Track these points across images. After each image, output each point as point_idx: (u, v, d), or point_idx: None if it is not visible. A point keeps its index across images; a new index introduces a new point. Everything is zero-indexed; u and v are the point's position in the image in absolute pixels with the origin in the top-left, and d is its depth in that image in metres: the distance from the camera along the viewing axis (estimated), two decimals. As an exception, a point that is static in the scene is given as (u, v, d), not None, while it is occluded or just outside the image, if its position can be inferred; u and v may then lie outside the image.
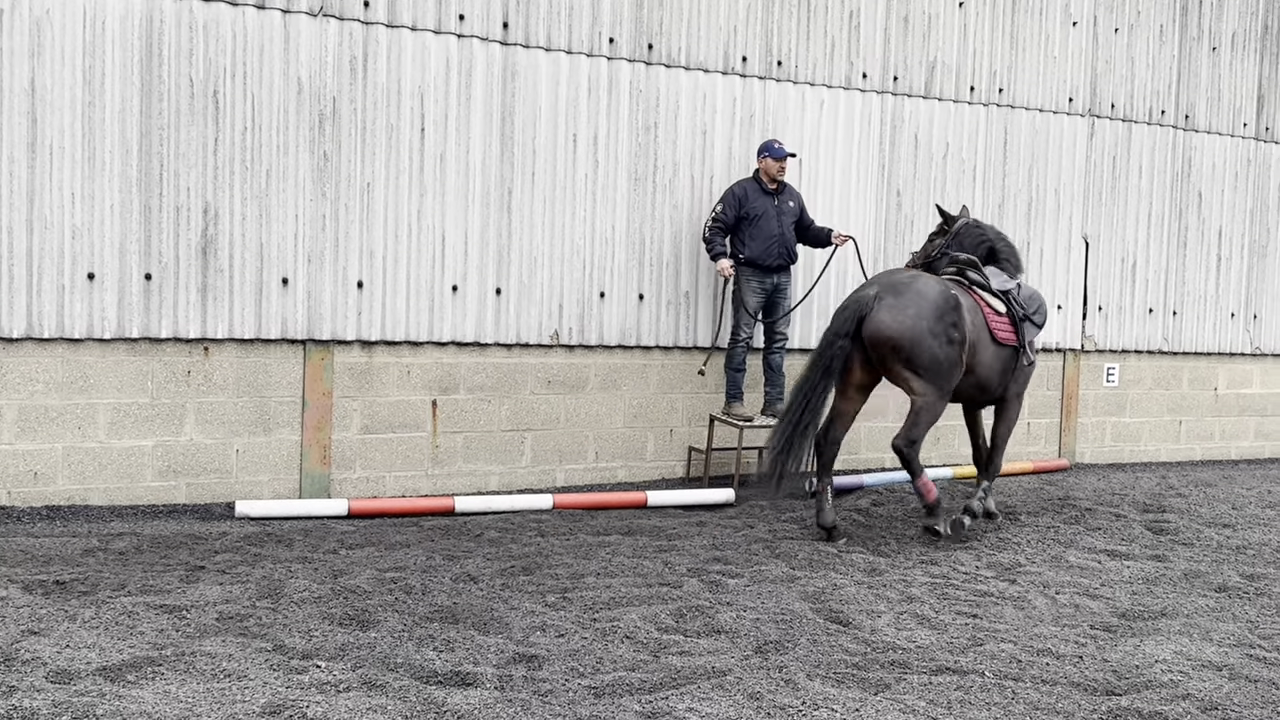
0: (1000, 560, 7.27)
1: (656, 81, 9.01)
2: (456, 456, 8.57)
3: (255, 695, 4.53)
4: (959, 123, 10.29)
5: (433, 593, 6.02)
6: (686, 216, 9.18)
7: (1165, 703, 4.86)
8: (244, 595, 5.85)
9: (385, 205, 8.17)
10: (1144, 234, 11.30)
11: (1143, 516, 8.74)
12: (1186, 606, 6.40)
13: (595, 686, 4.81)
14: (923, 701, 4.78)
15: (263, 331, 7.88)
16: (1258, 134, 11.90)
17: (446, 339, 8.43)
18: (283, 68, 7.83)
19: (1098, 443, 11.28)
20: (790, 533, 7.77)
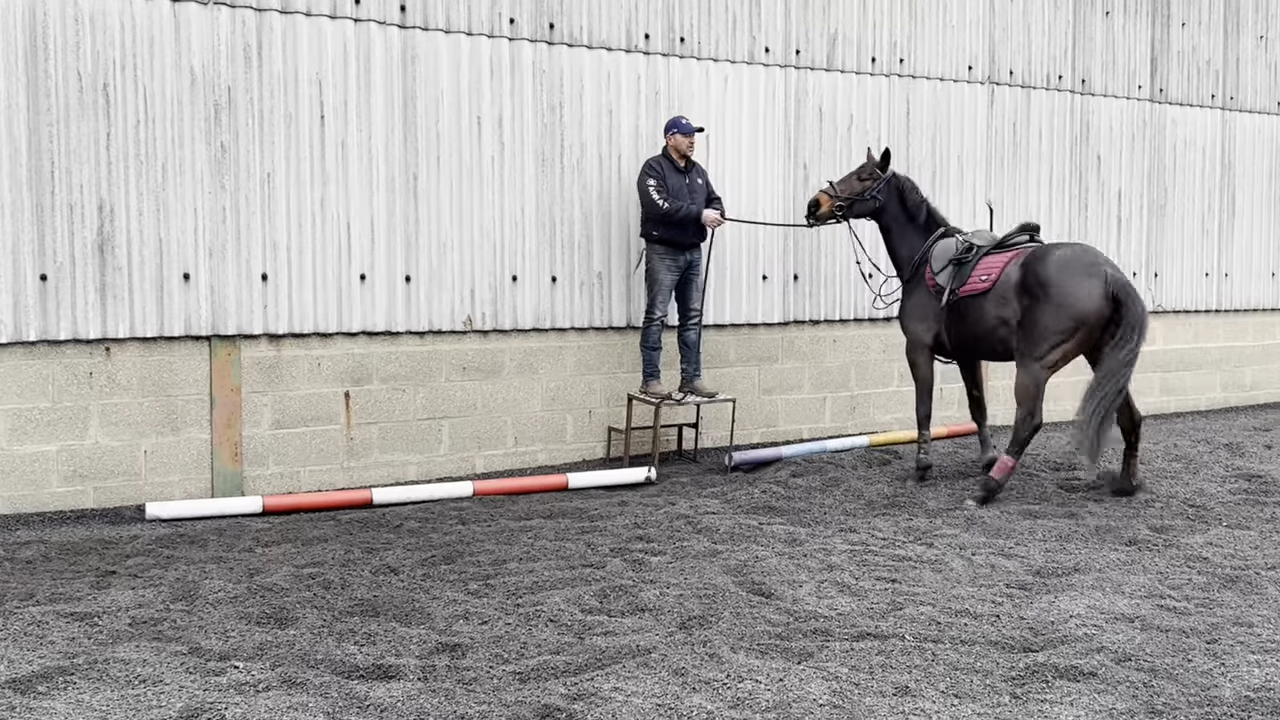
0: (917, 525, 7.37)
1: (560, 61, 8.95)
2: (372, 448, 8.47)
3: (171, 700, 4.44)
4: (862, 94, 10.37)
5: (352, 586, 5.94)
6: (596, 196, 9.15)
7: (1080, 656, 4.96)
8: (157, 599, 5.74)
9: (287, 195, 8.03)
10: (1046, 198, 11.50)
11: (1055, 475, 8.92)
12: (1099, 561, 6.54)
13: (520, 672, 4.78)
14: (845, 668, 4.83)
15: (166, 329, 7.71)
16: (1152, 96, 12.16)
17: (357, 329, 8.32)
18: (174, 59, 7.65)
19: (1009, 404, 11.46)
20: (712, 508, 7.80)
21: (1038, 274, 7.91)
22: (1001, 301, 8.08)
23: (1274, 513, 7.69)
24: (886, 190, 8.66)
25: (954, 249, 8.40)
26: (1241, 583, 6.11)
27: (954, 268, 8.34)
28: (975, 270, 8.24)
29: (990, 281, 8.14)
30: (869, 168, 8.68)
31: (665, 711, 4.37)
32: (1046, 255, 8.01)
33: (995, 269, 8.18)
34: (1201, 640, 5.19)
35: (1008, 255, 8.22)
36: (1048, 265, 7.91)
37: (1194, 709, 4.44)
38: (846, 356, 10.49)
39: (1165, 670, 4.82)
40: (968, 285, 8.25)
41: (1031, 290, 7.91)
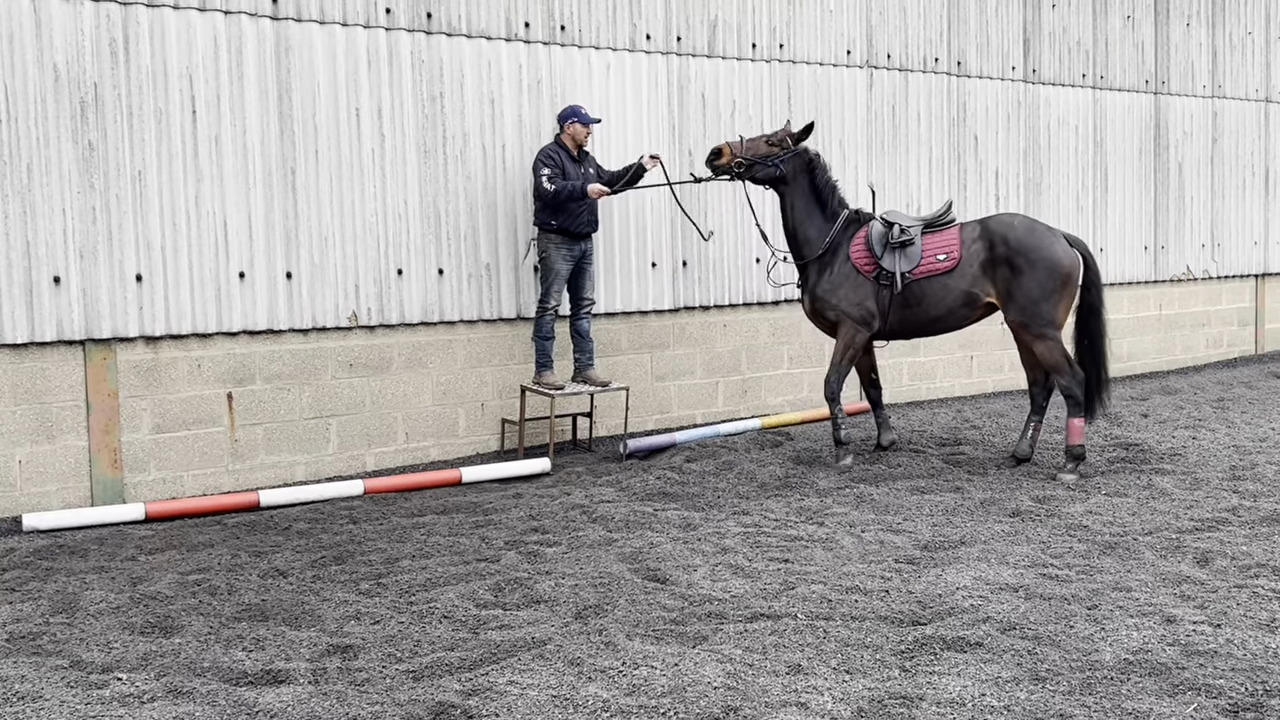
0: (808, 505, 7.46)
1: (439, 51, 8.85)
2: (258, 449, 8.30)
3: (53, 715, 4.32)
4: (744, 80, 10.44)
5: (240, 591, 5.83)
6: (481, 187, 9.07)
7: (967, 627, 5.07)
8: (36, 612, 5.56)
9: (160, 193, 7.81)
10: (926, 179, 11.70)
11: (940, 450, 9.10)
12: (984, 533, 6.69)
13: (414, 670, 4.74)
14: (739, 649, 4.87)
15: (36, 334, 7.45)
16: (1026, 76, 12.45)
17: (237, 328, 8.14)
18: (36, 54, 7.39)
19: (895, 382, 11.67)
20: (607, 496, 7.81)
21: (1012, 243, 8.09)
22: (970, 278, 8.16)
23: (1151, 480, 7.95)
24: (794, 163, 8.54)
25: (886, 233, 8.34)
26: (1120, 549, 6.30)
27: (897, 251, 8.27)
28: (924, 251, 8.25)
29: (954, 260, 8.17)
30: (781, 135, 8.58)
31: (561, 703, 4.36)
32: (1009, 225, 8.21)
33: (952, 246, 8.22)
34: (1083, 606, 5.34)
35: (953, 232, 8.32)
36: (1019, 233, 8.12)
37: (1076, 673, 4.57)
38: (737, 341, 10.57)
39: (1048, 637, 4.95)
40: (923, 266, 8.23)
41: (1011, 261, 8.06)
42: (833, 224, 8.51)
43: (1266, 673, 4.53)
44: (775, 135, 8.59)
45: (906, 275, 8.26)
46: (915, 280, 8.27)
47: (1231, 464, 8.39)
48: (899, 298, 8.31)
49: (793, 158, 8.53)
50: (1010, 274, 8.09)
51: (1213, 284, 14.45)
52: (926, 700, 4.33)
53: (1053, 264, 8.06)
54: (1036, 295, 8.04)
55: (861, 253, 8.38)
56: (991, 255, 8.14)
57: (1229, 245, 14.51)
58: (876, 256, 8.32)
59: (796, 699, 4.36)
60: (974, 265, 8.18)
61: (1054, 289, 8.06)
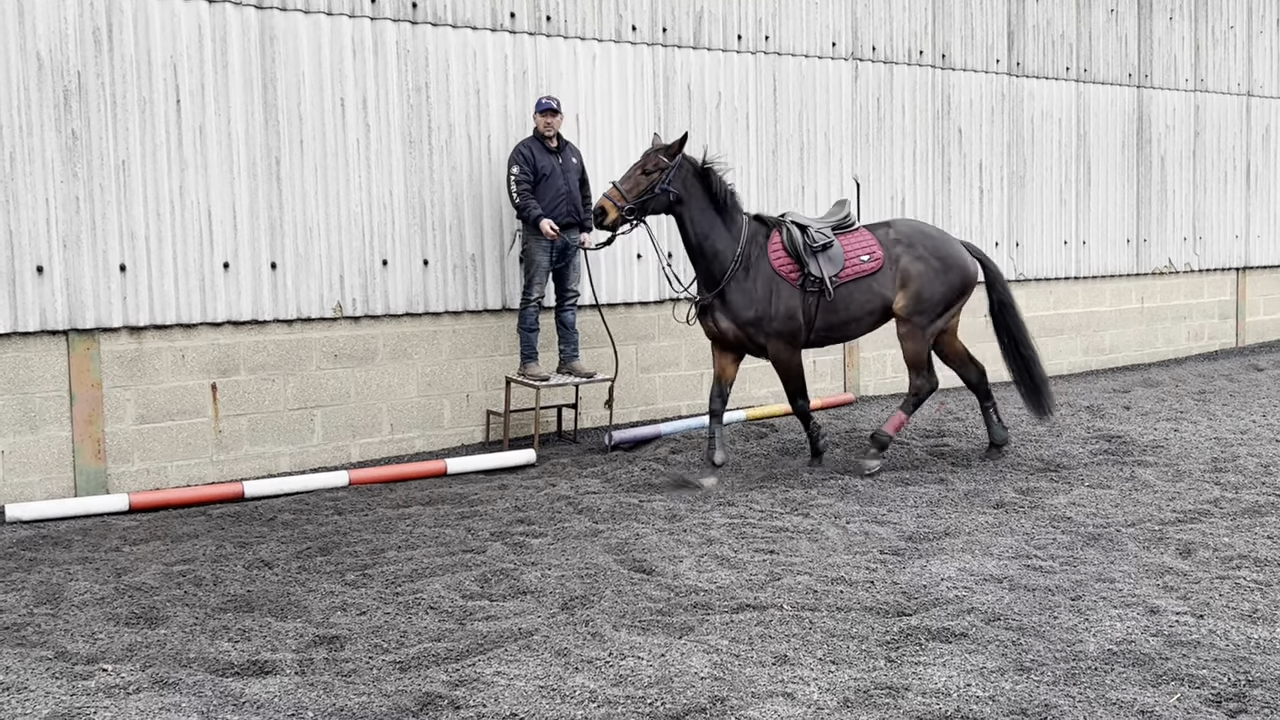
0: (793, 496, 7.48)
1: (424, 41, 8.82)
2: (242, 440, 8.28)
3: (37, 707, 4.30)
4: (729, 72, 10.44)
5: (225, 582, 5.81)
6: (466, 178, 9.05)
7: (952, 618, 5.09)
8: (20, 603, 5.54)
9: (144, 183, 7.77)
10: (910, 171, 11.73)
11: (924, 442, 9.13)
12: (968, 525, 6.72)
13: (400, 661, 4.74)
14: (725, 640, 4.88)
15: (19, 324, 7.42)
16: (1010, 69, 12.48)
17: (222, 319, 8.10)
18: (19, 42, 7.34)
19: (879, 375, 11.71)
20: (593, 488, 7.81)
21: (933, 248, 8.13)
22: (890, 280, 8.07)
23: (1133, 472, 8.00)
24: (683, 178, 7.70)
25: (801, 235, 7.89)
26: (1103, 540, 6.34)
27: (819, 255, 7.89)
28: (846, 252, 8.00)
29: (878, 261, 8.02)
30: (654, 156, 7.66)
31: (548, 693, 4.37)
32: (923, 231, 8.29)
33: (872, 247, 8.06)
34: (1066, 597, 5.37)
35: (864, 233, 8.15)
36: (930, 237, 8.20)
37: (1060, 664, 4.59)
38: (721, 332, 10.56)
39: (1032, 628, 4.98)
40: (849, 269, 7.96)
41: (929, 263, 8.07)
42: (738, 233, 7.83)
43: (1249, 663, 4.56)
44: (649, 160, 7.67)
45: (834, 279, 7.90)
46: (842, 284, 7.95)
47: (1213, 456, 8.44)
48: (825, 303, 7.93)
49: (681, 172, 7.69)
50: (924, 270, 8.05)
51: (1194, 277, 14.53)
52: (912, 690, 4.35)
53: (965, 273, 8.18)
54: (936, 297, 8.08)
55: (784, 259, 7.84)
56: (911, 254, 8.09)
57: (1210, 239, 14.59)
58: (802, 262, 7.82)
59: (783, 689, 4.37)
60: (893, 266, 8.06)
61: (957, 296, 8.19)
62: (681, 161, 7.70)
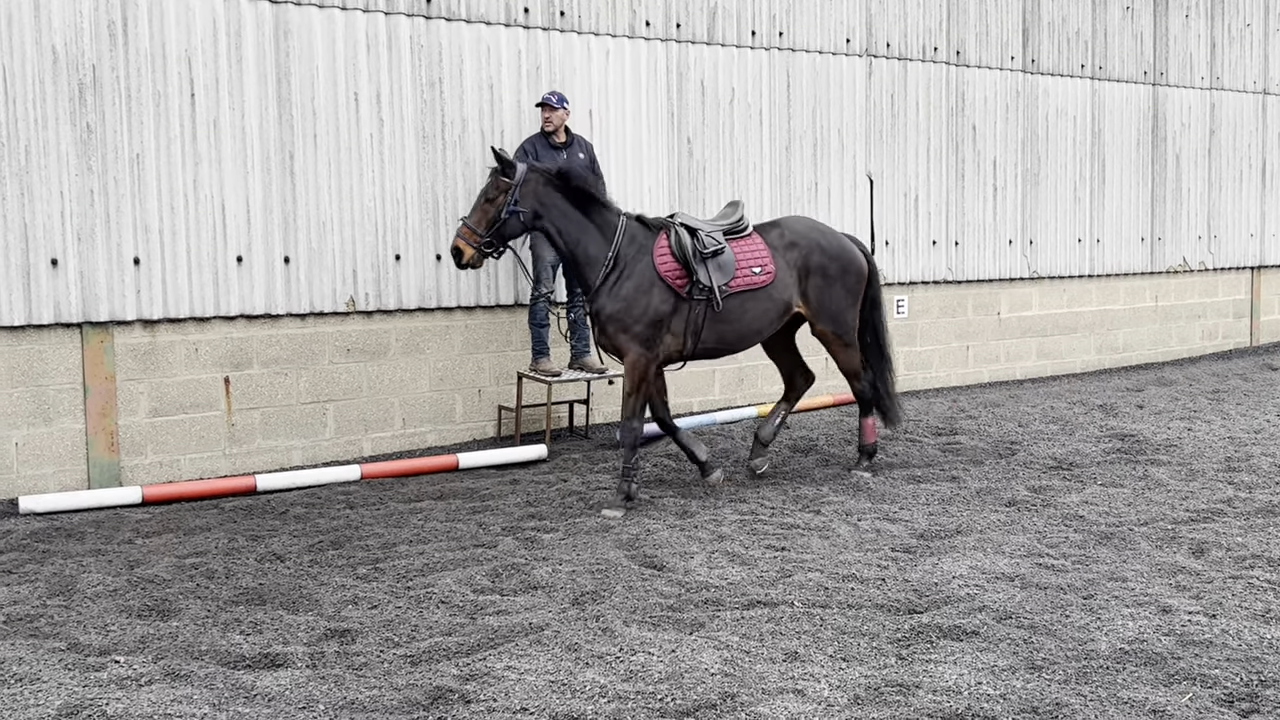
0: (804, 493, 7.48)
1: (438, 35, 8.82)
2: (255, 433, 8.30)
3: (50, 698, 4.32)
4: (743, 68, 10.42)
5: (237, 575, 5.83)
6: (479, 173, 9.05)
7: (963, 616, 5.08)
8: (33, 595, 5.56)
9: (158, 176, 7.79)
10: (924, 168, 11.70)
11: (936, 440, 9.12)
12: (980, 523, 6.70)
13: (411, 655, 4.75)
14: (736, 636, 4.88)
15: (34, 317, 7.44)
16: (1025, 66, 12.43)
17: (235, 313, 8.12)
18: (35, 36, 7.36)
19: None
20: (604, 484, 7.81)
21: (827, 251, 7.74)
22: (787, 289, 7.59)
23: (1146, 471, 7.97)
24: (533, 193, 7.20)
25: (690, 238, 7.33)
26: (1116, 539, 6.32)
27: (708, 262, 7.34)
28: (737, 261, 7.45)
29: (770, 274, 7.50)
30: (493, 181, 7.22)
31: (558, 688, 4.37)
32: (818, 232, 7.85)
33: (764, 257, 7.52)
34: (1078, 596, 5.36)
35: (757, 240, 7.61)
36: (828, 241, 7.81)
37: (1072, 663, 4.58)
38: (734, 329, 10.55)
39: (1044, 626, 4.97)
40: (739, 279, 7.41)
41: (826, 270, 7.71)
42: (612, 235, 7.30)
43: (1261, 663, 4.54)
44: (490, 187, 7.23)
45: (724, 289, 7.36)
46: (732, 294, 7.41)
47: (1227, 455, 8.41)
48: (714, 314, 7.40)
49: (528, 188, 7.19)
50: (823, 284, 7.72)
51: (1209, 276, 14.47)
52: (923, 688, 4.34)
53: (859, 272, 7.87)
54: (845, 304, 7.82)
55: (670, 264, 7.29)
56: (806, 264, 7.69)
57: (1225, 237, 14.53)
58: (691, 269, 7.28)
59: (793, 686, 4.37)
60: (789, 274, 7.63)
61: (856, 296, 7.90)
62: (526, 176, 7.19)
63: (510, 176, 7.15)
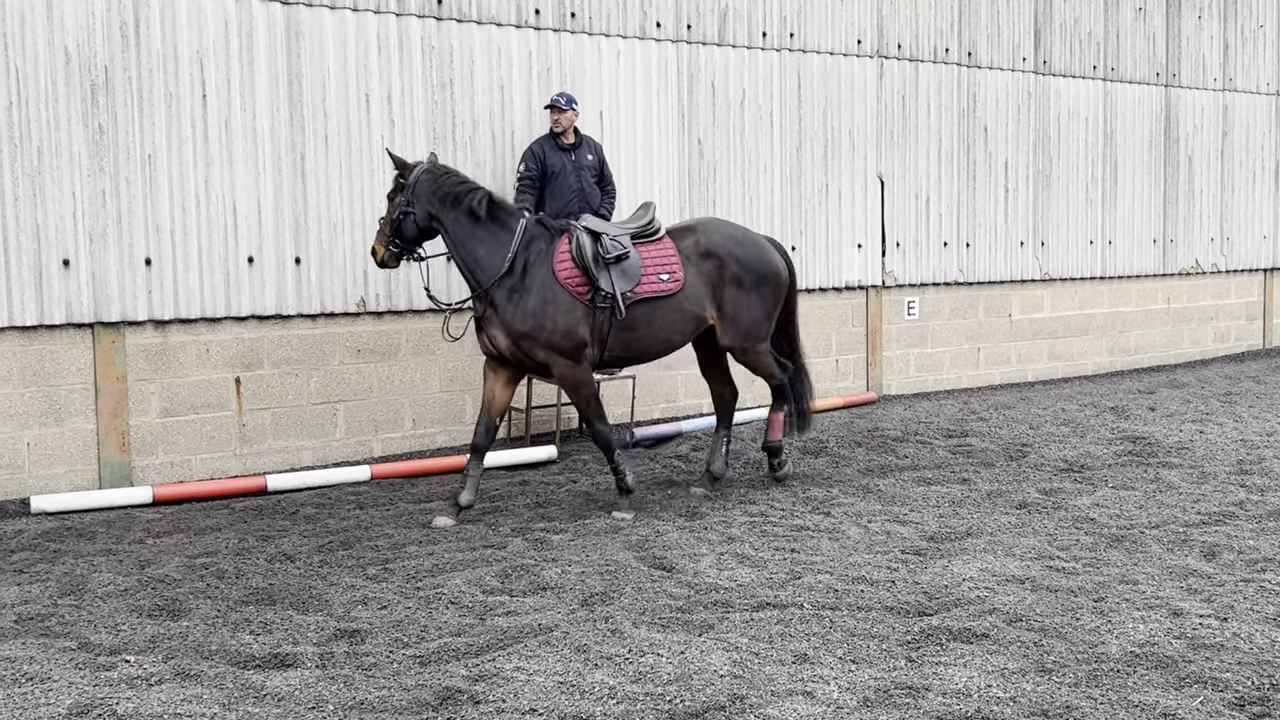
0: (814, 495, 7.46)
1: (449, 37, 8.83)
2: (265, 434, 8.31)
3: (60, 697, 4.33)
4: (754, 69, 10.41)
5: (247, 575, 5.84)
6: (490, 174, 9.06)
7: (973, 619, 5.07)
8: (44, 594, 5.58)
9: (169, 177, 7.82)
10: (935, 170, 11.68)
11: (947, 442, 9.10)
12: (990, 525, 6.69)
13: (420, 655, 4.75)
14: (745, 638, 4.87)
15: (46, 317, 7.47)
16: (1036, 67, 12.40)
17: (246, 313, 8.14)
18: (47, 37, 7.39)
19: (903, 374, 11.67)
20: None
21: (743, 261, 7.34)
22: (699, 298, 7.20)
23: (1158, 474, 7.94)
24: (425, 195, 6.97)
25: (592, 243, 7.02)
26: (1127, 542, 6.30)
27: (611, 268, 7.02)
28: (644, 267, 7.10)
29: (679, 282, 7.13)
30: (395, 183, 7.15)
31: (567, 689, 4.37)
32: (734, 241, 7.40)
33: (673, 265, 7.15)
34: (1089, 599, 5.34)
35: (668, 245, 7.24)
36: (747, 250, 7.40)
37: (1082, 666, 4.57)
38: (744, 330, 10.54)
39: (1055, 629, 4.95)
40: (645, 286, 7.07)
41: (741, 280, 7.31)
42: (509, 239, 7.01)
43: (1273, 666, 4.52)
44: (391, 189, 7.22)
45: (628, 295, 7.02)
46: (637, 302, 7.05)
47: (1239, 458, 8.38)
48: (619, 322, 7.05)
49: (420, 189, 6.99)
50: (738, 295, 7.32)
51: (1221, 278, 14.42)
52: (933, 690, 4.33)
53: (776, 282, 7.50)
54: (759, 315, 7.43)
55: (570, 270, 6.96)
56: (721, 274, 7.27)
57: (1238, 239, 14.48)
58: (592, 275, 6.96)
59: (803, 688, 4.36)
60: (703, 284, 7.22)
61: (774, 305, 7.53)
62: (420, 177, 6.98)
63: (405, 177, 7.03)
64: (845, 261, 11.09)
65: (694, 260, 7.27)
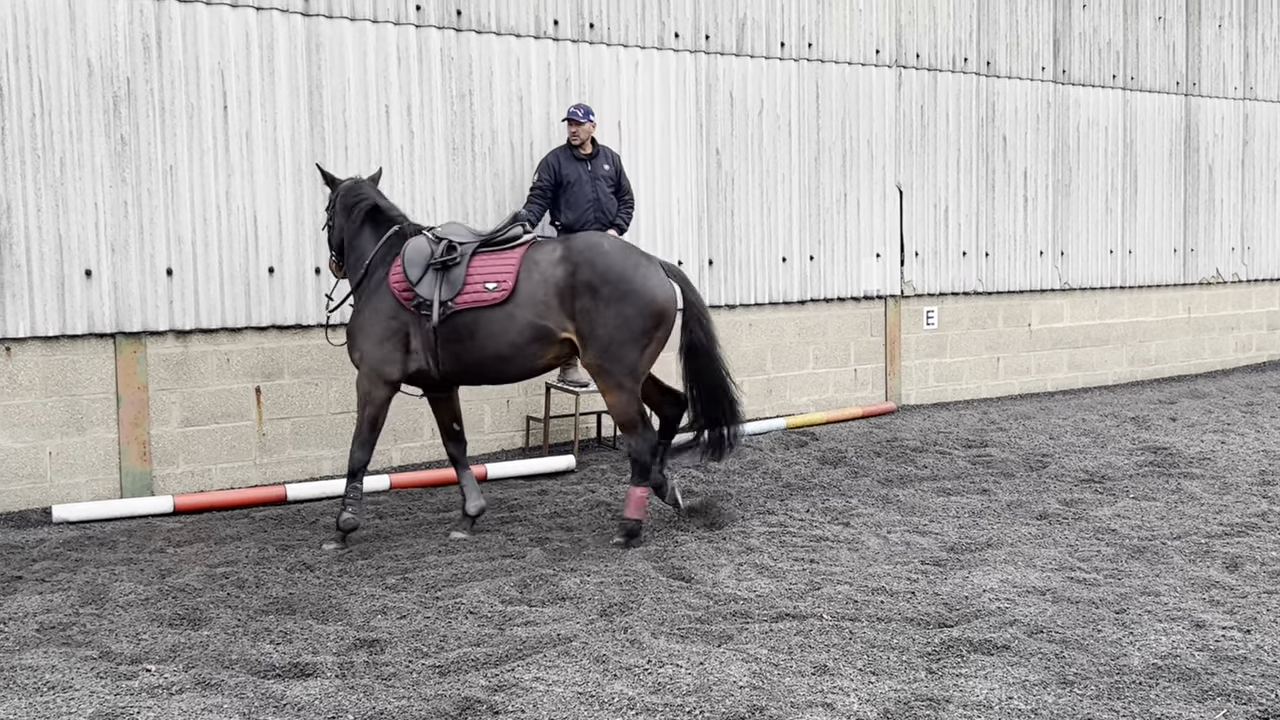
0: (833, 505, 7.45)
1: (468, 48, 8.87)
2: (285, 443, 8.34)
3: (82, 706, 4.35)
4: (772, 79, 10.42)
5: (267, 585, 5.86)
6: (509, 185, 9.08)
7: (994, 630, 5.04)
8: (66, 603, 5.61)
9: (191, 188, 7.86)
10: (954, 179, 11.66)
11: (966, 452, 9.06)
12: (1010, 536, 6.66)
13: (440, 665, 4.75)
14: (764, 649, 4.86)
15: (68, 327, 7.51)
16: (1055, 77, 12.37)
17: (266, 323, 8.17)
18: (70, 50, 7.44)
19: (921, 384, 11.64)
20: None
21: (600, 269, 6.49)
22: (537, 310, 6.55)
23: (1179, 484, 7.90)
24: (339, 207, 7.07)
25: (428, 249, 6.73)
26: (1148, 553, 6.26)
27: (437, 274, 6.65)
28: (470, 275, 6.65)
29: (505, 290, 6.57)
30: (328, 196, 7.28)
31: (586, 699, 4.37)
32: (595, 248, 6.63)
33: (505, 273, 6.62)
34: (1111, 610, 5.31)
35: (514, 254, 6.71)
36: (608, 259, 6.55)
37: (1104, 678, 4.54)
38: (762, 340, 10.55)
39: (1076, 641, 4.93)
40: (466, 295, 6.61)
41: (596, 290, 6.46)
42: (373, 247, 6.91)
43: (1297, 679, 4.49)
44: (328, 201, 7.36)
45: (449, 304, 6.62)
46: (461, 312, 6.62)
47: (1261, 469, 8.32)
48: (445, 333, 6.64)
49: (336, 201, 7.09)
50: (592, 305, 6.47)
51: (1242, 287, 14.35)
52: (953, 703, 4.31)
53: (645, 304, 6.48)
54: (620, 336, 6.45)
55: (399, 276, 6.70)
56: (572, 282, 6.50)
57: (1259, 248, 14.40)
58: (412, 281, 6.66)
59: (822, 699, 4.35)
60: (547, 293, 6.54)
61: (643, 330, 6.49)
62: (339, 192, 7.11)
63: (334, 190, 7.20)
64: (864, 271, 11.08)
65: (543, 267, 6.61)
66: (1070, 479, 8.13)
